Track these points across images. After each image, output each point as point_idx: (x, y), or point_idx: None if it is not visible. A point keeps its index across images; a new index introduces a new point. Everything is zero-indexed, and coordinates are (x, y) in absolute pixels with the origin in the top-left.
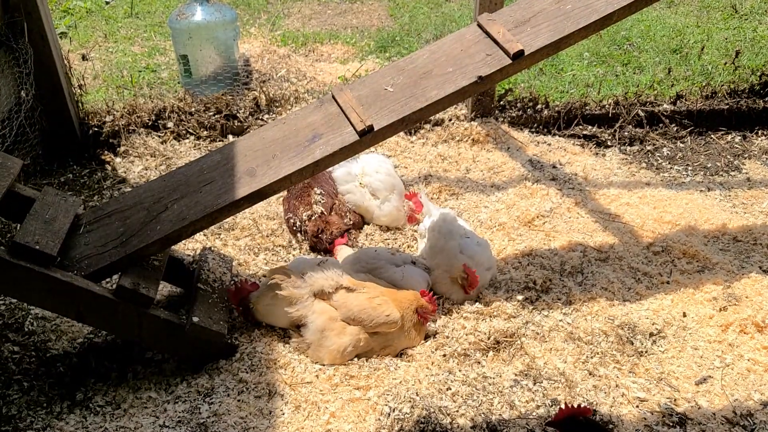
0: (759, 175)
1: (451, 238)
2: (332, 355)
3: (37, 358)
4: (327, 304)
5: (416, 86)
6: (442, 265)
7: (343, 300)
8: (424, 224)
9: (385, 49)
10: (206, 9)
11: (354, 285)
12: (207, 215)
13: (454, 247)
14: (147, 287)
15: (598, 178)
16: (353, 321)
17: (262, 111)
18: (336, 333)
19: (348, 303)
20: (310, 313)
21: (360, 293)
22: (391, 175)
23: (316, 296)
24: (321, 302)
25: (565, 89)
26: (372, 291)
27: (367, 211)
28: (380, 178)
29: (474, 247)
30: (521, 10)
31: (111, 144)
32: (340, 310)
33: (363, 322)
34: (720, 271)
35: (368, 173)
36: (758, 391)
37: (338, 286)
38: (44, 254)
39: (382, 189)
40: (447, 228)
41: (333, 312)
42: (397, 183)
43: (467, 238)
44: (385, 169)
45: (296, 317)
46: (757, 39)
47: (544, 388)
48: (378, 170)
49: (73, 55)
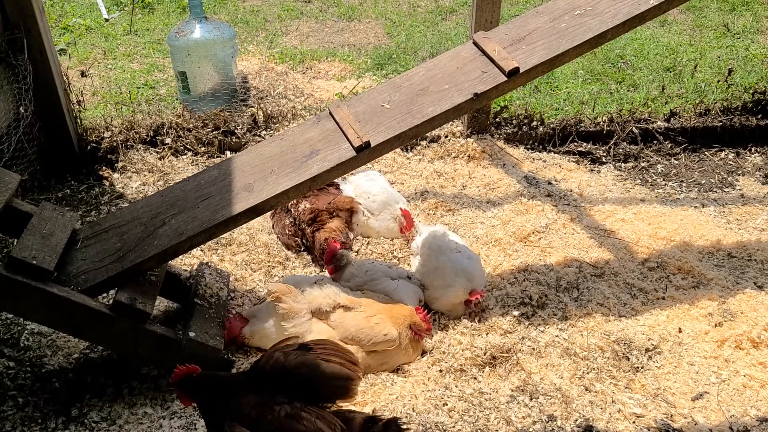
0: (753, 192)
1: (441, 254)
2: None
3: (32, 374)
4: (325, 324)
5: (413, 103)
6: (436, 281)
7: (340, 320)
8: (416, 242)
9: (381, 66)
10: (205, 27)
11: (351, 303)
12: (204, 230)
13: (446, 262)
14: (144, 302)
15: (593, 195)
16: (351, 341)
17: (260, 127)
18: None
19: (345, 323)
20: (308, 333)
21: (357, 312)
22: (385, 191)
23: (314, 315)
24: (319, 322)
25: (560, 106)
26: (369, 309)
27: (366, 227)
28: (374, 199)
29: (465, 261)
30: (516, 28)
31: (109, 160)
32: (338, 330)
33: (361, 341)
34: (715, 287)
35: (361, 195)
36: (754, 406)
37: (336, 305)
38: (41, 269)
39: (375, 208)
40: (437, 244)
41: (331, 332)
42: (390, 197)
43: (458, 252)
44: (377, 188)
45: (293, 334)
46: (749, 57)
47: (540, 403)
48: (369, 192)
49: (72, 72)
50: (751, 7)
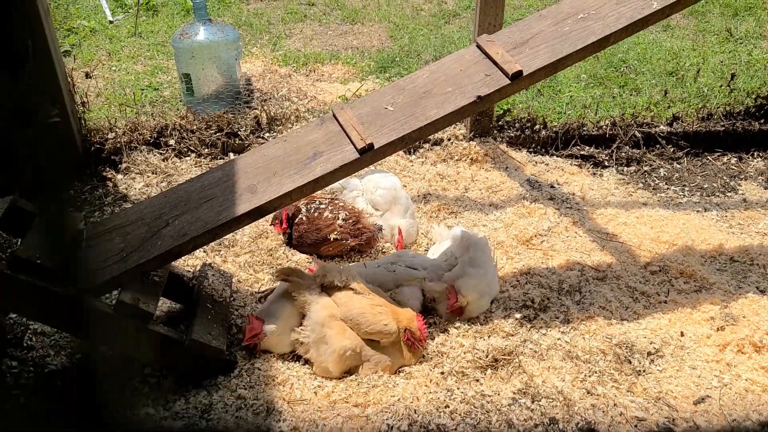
0: (755, 196)
1: (485, 262)
2: (333, 356)
3: (35, 374)
4: (331, 300)
5: (416, 105)
6: (478, 285)
7: (346, 299)
8: (454, 233)
9: (385, 69)
10: (209, 29)
11: (362, 290)
12: (207, 231)
13: (490, 272)
14: (147, 303)
15: (596, 198)
16: (350, 322)
17: (263, 129)
18: (336, 332)
19: (350, 303)
20: (314, 303)
21: (364, 297)
22: (394, 191)
23: (324, 288)
24: (326, 297)
25: (562, 110)
26: (376, 299)
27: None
28: (381, 194)
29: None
30: (520, 32)
31: (113, 161)
32: (341, 308)
33: (360, 325)
34: (717, 291)
35: (368, 190)
36: (756, 411)
37: (347, 285)
38: (45, 269)
39: (380, 204)
40: (484, 251)
41: (335, 309)
42: (397, 199)
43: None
44: (388, 183)
45: (300, 303)
46: (752, 62)
47: (542, 406)
48: (378, 185)
49: (77, 73)
50: (754, 12)
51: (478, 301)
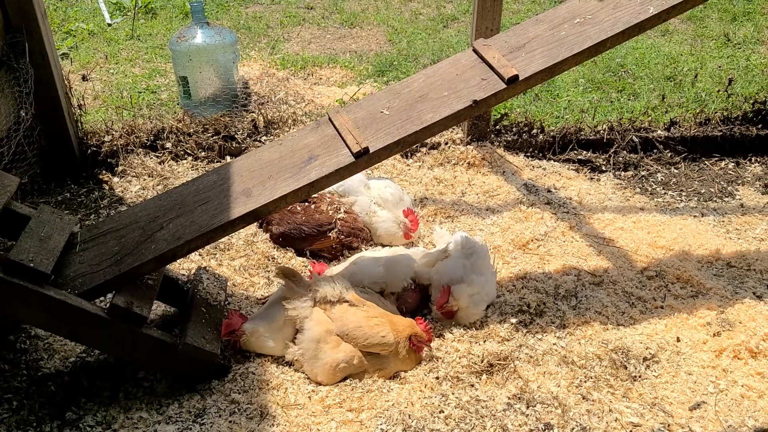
0: (752, 202)
1: (487, 269)
2: (326, 369)
3: (28, 377)
4: (326, 315)
5: (412, 109)
6: (477, 291)
7: (341, 314)
8: (456, 238)
9: (383, 73)
10: (207, 32)
11: (357, 301)
12: (202, 235)
13: (490, 280)
14: (140, 306)
15: (593, 203)
16: (346, 337)
17: (260, 133)
18: (331, 347)
19: (345, 317)
20: (307, 320)
21: (360, 310)
22: (400, 192)
23: (318, 303)
24: (320, 312)
25: (560, 114)
26: (372, 311)
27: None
28: (390, 192)
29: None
30: (516, 36)
31: (109, 164)
32: (337, 323)
33: (356, 339)
34: (714, 297)
35: (380, 188)
36: (752, 417)
37: (341, 299)
38: (38, 272)
39: (388, 200)
40: (485, 259)
41: (330, 325)
42: (405, 199)
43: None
44: (394, 188)
45: (293, 316)
46: (749, 67)
47: (537, 411)
48: (389, 185)
49: (74, 76)
50: (752, 18)
51: (470, 309)
